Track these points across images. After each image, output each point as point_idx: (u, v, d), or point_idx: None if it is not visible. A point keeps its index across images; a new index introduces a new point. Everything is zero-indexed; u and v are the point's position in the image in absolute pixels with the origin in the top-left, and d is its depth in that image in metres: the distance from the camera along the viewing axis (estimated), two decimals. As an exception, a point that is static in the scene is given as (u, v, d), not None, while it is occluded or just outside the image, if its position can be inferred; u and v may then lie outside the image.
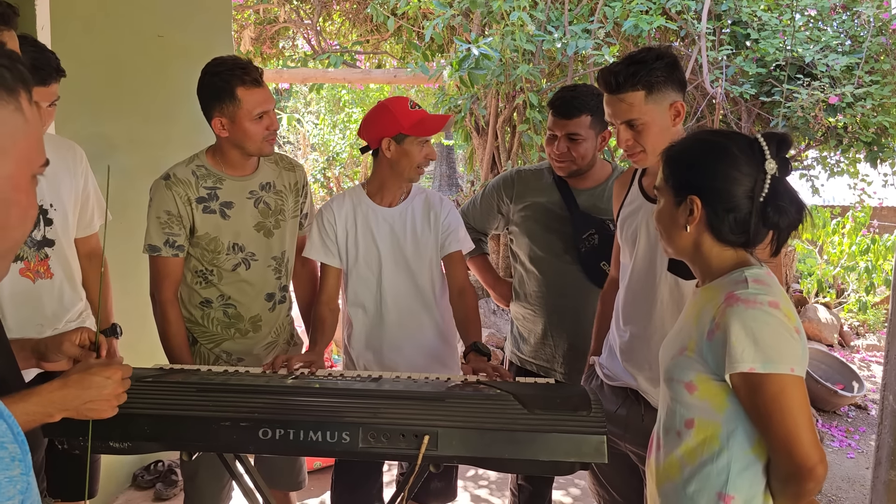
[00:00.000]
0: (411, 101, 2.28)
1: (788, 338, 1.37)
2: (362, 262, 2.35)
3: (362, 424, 1.61)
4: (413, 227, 2.35)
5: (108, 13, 3.26)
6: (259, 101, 2.16)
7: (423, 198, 2.40)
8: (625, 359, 2.02)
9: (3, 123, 0.76)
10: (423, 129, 2.22)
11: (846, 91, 5.50)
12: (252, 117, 2.17)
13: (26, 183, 0.81)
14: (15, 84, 0.77)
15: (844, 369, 5.47)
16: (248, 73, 2.14)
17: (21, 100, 0.78)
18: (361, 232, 2.34)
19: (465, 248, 2.43)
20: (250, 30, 8.25)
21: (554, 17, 5.66)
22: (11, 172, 0.78)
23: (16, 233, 0.81)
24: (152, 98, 3.51)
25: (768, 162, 1.43)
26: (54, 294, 2.25)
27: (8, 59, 0.77)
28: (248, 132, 2.19)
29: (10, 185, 0.78)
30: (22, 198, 0.80)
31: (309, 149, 12.64)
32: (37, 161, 0.82)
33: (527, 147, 6.06)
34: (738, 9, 5.94)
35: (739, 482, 1.43)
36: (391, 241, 2.34)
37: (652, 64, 1.85)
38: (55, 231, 2.27)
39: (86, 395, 1.35)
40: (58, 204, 2.25)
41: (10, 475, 0.66)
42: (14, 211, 0.79)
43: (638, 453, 1.99)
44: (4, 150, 0.76)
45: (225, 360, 2.37)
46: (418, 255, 2.35)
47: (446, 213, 2.39)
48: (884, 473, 2.67)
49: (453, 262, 2.40)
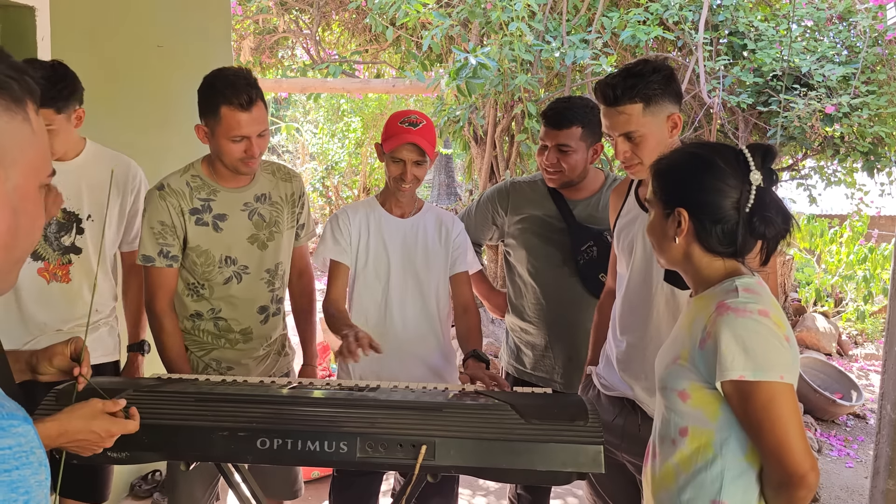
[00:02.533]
0: (412, 116, 2.27)
1: (778, 346, 1.38)
2: (371, 268, 2.35)
3: (360, 434, 1.60)
4: (425, 239, 2.37)
5: (108, 24, 3.28)
6: (238, 125, 2.10)
7: (435, 214, 2.44)
8: (622, 368, 2.03)
9: (12, 134, 0.77)
10: (387, 145, 2.26)
11: (843, 101, 5.53)
12: (229, 137, 2.13)
13: (34, 193, 0.82)
14: (23, 95, 0.78)
15: (843, 378, 5.47)
16: (236, 96, 2.08)
17: (28, 111, 0.79)
18: (374, 238, 2.36)
19: (472, 270, 2.47)
20: (250, 40, 8.29)
21: (552, 27, 5.69)
22: (20, 182, 0.79)
23: (24, 242, 0.82)
24: (152, 108, 3.52)
25: (753, 173, 1.44)
26: (68, 299, 2.30)
27: (15, 71, 0.78)
28: (223, 149, 2.16)
29: (19, 195, 0.79)
30: (30, 207, 0.81)
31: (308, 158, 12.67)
32: (44, 171, 0.83)
33: (525, 156, 6.08)
34: (734, 19, 5.98)
35: (733, 489, 1.44)
36: (402, 251, 2.35)
37: (649, 77, 1.86)
38: (85, 240, 2.30)
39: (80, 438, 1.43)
40: (97, 216, 2.28)
41: (39, 479, 0.68)
42: (23, 220, 0.80)
43: (635, 463, 1.99)
44: (13, 161, 0.77)
45: (215, 367, 2.36)
46: (428, 267, 2.36)
47: (458, 233, 2.42)
48: (882, 483, 2.67)
49: (460, 282, 2.42)
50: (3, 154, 0.76)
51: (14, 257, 0.81)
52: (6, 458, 0.64)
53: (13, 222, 0.78)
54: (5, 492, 0.63)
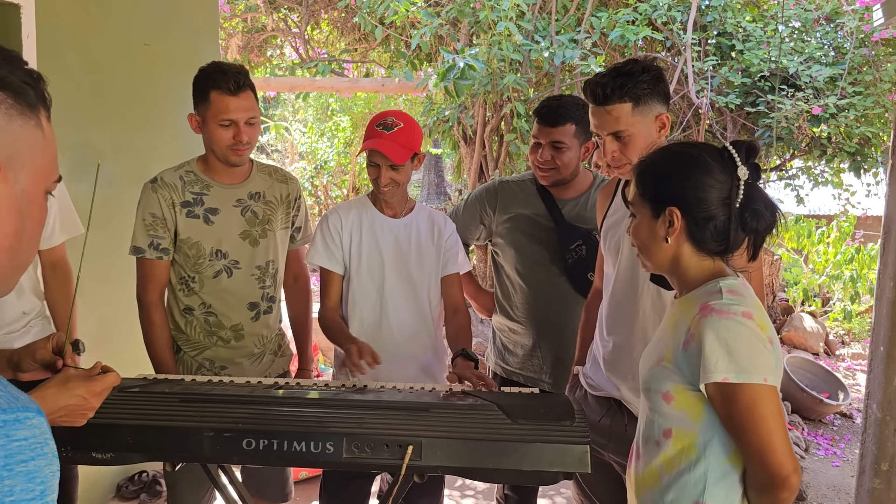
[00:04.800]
0: (388, 119, 2.26)
1: (762, 348, 1.38)
2: (364, 269, 2.35)
3: (346, 435, 1.60)
4: (418, 239, 2.37)
5: (94, 22, 3.25)
6: (227, 108, 2.17)
7: (428, 214, 2.43)
8: (608, 369, 2.03)
9: (25, 139, 0.79)
10: (363, 146, 2.26)
11: (830, 102, 5.57)
12: (218, 121, 2.18)
13: (40, 198, 0.83)
14: (37, 101, 0.81)
15: (830, 378, 5.51)
16: (225, 80, 2.15)
17: (41, 117, 0.82)
18: (366, 238, 2.35)
19: (463, 271, 2.47)
20: (238, 38, 8.25)
21: (541, 27, 5.69)
22: (28, 187, 0.80)
23: (28, 247, 0.83)
24: (138, 107, 3.50)
25: (740, 168, 1.45)
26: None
27: (31, 78, 0.80)
28: (213, 135, 2.21)
29: (27, 199, 0.80)
30: (35, 212, 0.82)
31: (296, 157, 12.63)
32: (51, 177, 0.85)
33: (514, 156, 6.09)
34: (723, 20, 6.01)
35: (716, 491, 1.44)
36: (395, 251, 2.35)
37: (638, 76, 1.86)
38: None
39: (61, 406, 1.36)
40: None
41: (52, 470, 0.71)
42: (28, 224, 0.81)
43: (622, 463, 1.99)
44: (23, 165, 0.79)
45: (208, 368, 2.36)
46: (421, 267, 2.36)
47: (449, 234, 2.42)
48: (868, 482, 2.68)
49: (451, 283, 2.42)
50: (14, 157, 0.78)
51: (17, 261, 0.82)
52: (23, 449, 0.67)
53: (19, 225, 0.80)
54: (23, 482, 0.66)
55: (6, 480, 0.65)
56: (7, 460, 0.65)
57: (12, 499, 0.65)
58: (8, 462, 0.65)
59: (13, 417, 0.67)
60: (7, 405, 0.67)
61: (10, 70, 0.77)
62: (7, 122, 0.77)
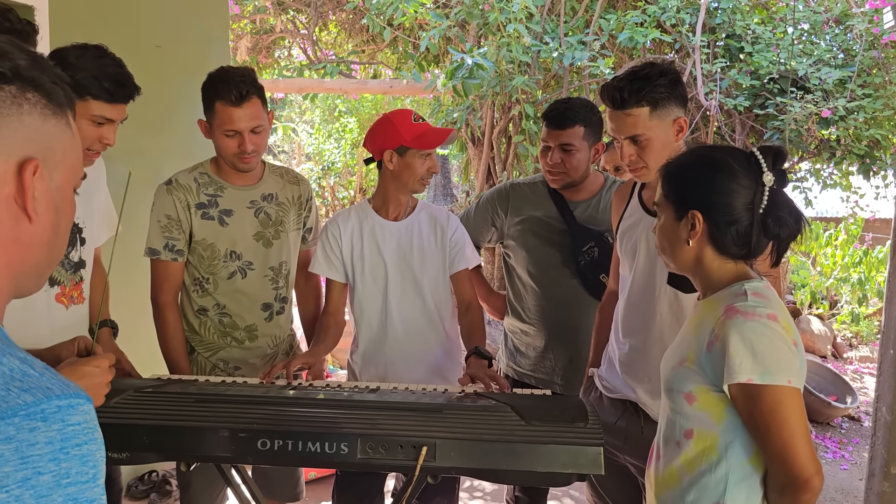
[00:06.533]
0: (415, 114, 2.29)
1: (786, 350, 1.39)
2: (368, 275, 2.35)
3: (361, 435, 1.61)
4: (420, 240, 2.35)
5: (106, 23, 3.27)
6: (230, 119, 2.16)
7: (429, 212, 2.40)
8: (624, 371, 2.03)
9: (58, 138, 0.82)
10: (425, 142, 2.23)
11: (839, 104, 5.55)
12: (222, 132, 2.19)
13: (71, 195, 0.86)
14: (65, 101, 0.83)
15: (838, 381, 5.49)
16: (227, 91, 2.14)
17: (69, 116, 0.84)
18: (367, 245, 2.34)
19: (472, 265, 2.45)
20: (246, 39, 8.28)
21: (550, 28, 5.70)
22: (62, 184, 0.83)
23: (61, 242, 0.86)
24: (149, 108, 3.49)
25: (766, 174, 1.45)
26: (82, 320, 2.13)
27: (59, 79, 0.83)
28: (219, 144, 2.23)
29: (61, 196, 0.83)
30: (67, 208, 0.85)
31: (304, 158, 12.66)
32: (79, 174, 0.88)
33: (522, 158, 6.09)
34: (732, 22, 6.00)
35: (737, 492, 1.44)
36: (398, 255, 2.34)
37: (656, 80, 1.86)
38: (88, 250, 2.15)
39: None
40: (88, 221, 2.14)
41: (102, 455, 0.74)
42: (63, 220, 0.84)
43: (637, 465, 1.99)
44: (57, 163, 0.81)
45: (222, 368, 2.37)
46: (424, 268, 2.35)
47: (454, 230, 2.38)
48: (877, 485, 2.68)
49: (461, 279, 2.40)
50: (50, 155, 0.80)
51: (52, 256, 0.85)
52: (77, 434, 0.70)
53: (55, 220, 0.82)
54: (78, 465, 0.69)
55: (63, 463, 0.68)
56: (64, 444, 0.68)
57: (68, 481, 0.68)
58: (64, 445, 0.68)
59: (67, 403, 0.70)
60: (61, 391, 0.70)
61: (41, 71, 0.80)
62: (42, 121, 0.79)
